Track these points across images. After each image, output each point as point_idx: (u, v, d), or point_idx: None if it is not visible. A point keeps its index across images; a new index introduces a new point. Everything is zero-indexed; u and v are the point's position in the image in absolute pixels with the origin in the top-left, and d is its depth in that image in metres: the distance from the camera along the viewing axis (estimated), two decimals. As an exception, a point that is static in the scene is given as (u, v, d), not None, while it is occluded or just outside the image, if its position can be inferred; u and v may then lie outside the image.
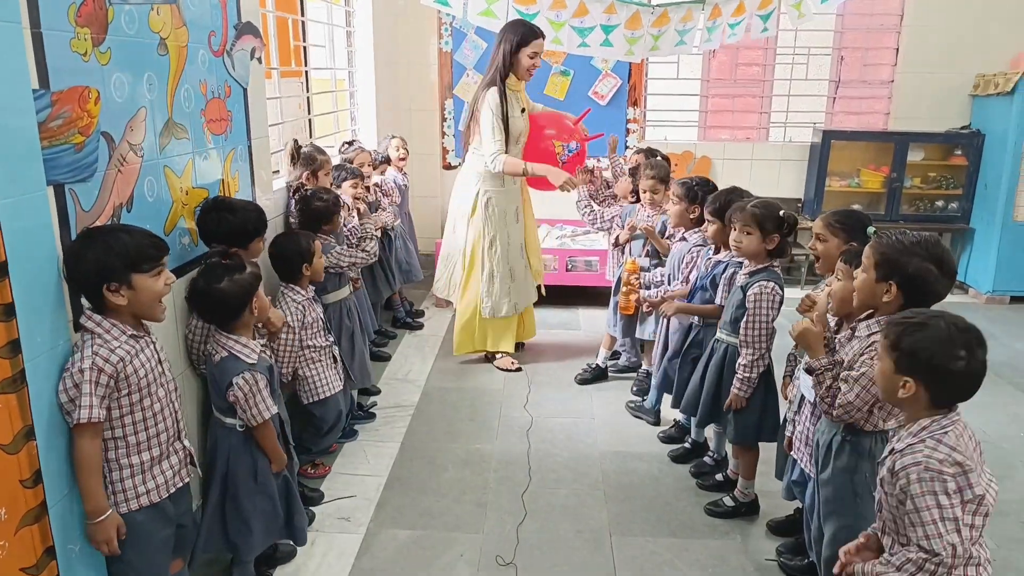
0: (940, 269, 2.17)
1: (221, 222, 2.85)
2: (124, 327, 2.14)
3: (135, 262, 2.11)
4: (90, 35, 2.18)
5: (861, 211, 2.94)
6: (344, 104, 6.01)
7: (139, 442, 2.20)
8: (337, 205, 3.70)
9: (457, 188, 4.79)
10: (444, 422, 4.18)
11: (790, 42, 6.81)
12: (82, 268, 2.07)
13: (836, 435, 2.38)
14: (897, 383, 1.86)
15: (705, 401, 3.34)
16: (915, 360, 1.82)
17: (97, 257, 2.06)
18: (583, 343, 5.38)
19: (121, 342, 2.11)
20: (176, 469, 2.34)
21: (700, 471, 3.65)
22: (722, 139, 7.12)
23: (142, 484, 2.22)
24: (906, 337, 1.84)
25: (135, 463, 2.20)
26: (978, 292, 6.50)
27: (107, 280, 2.07)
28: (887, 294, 2.20)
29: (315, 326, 3.31)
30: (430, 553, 3.06)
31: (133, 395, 2.15)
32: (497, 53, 4.44)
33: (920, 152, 6.64)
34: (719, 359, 3.28)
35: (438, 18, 6.52)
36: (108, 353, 2.07)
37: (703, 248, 3.67)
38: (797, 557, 2.96)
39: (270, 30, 4.35)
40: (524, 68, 4.45)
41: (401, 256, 5.26)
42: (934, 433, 1.82)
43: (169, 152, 2.66)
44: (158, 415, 2.24)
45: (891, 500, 1.86)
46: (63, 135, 2.08)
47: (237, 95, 3.24)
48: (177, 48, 2.69)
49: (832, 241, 2.79)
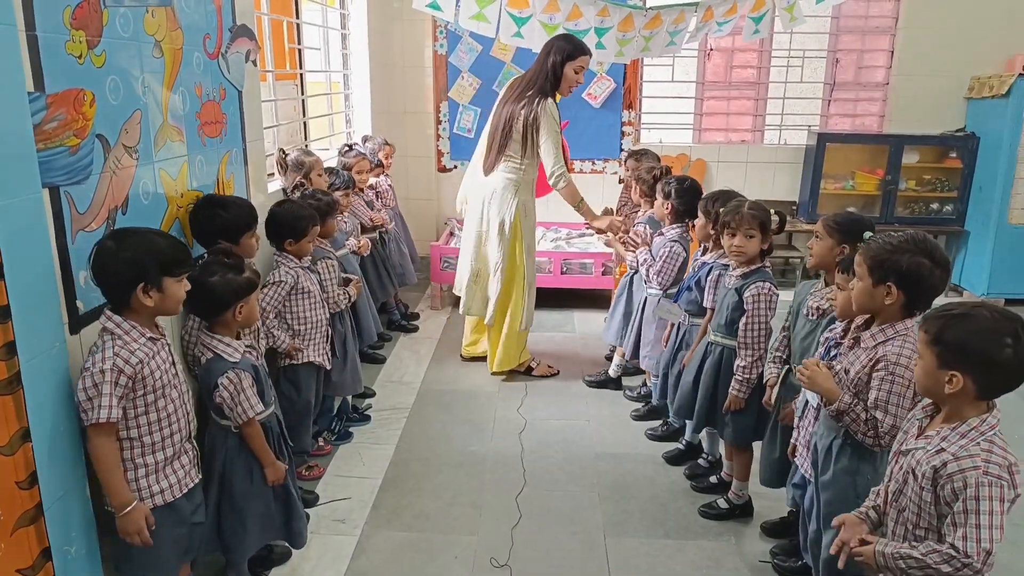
0: (933, 261, 2.16)
1: (213, 218, 2.85)
2: (143, 329, 2.18)
3: (168, 265, 2.18)
4: (85, 38, 2.18)
5: (863, 217, 2.92)
6: (339, 107, 6.02)
7: (154, 442, 2.24)
8: (332, 208, 3.71)
9: (489, 201, 4.57)
10: (439, 424, 4.18)
11: (785, 45, 6.83)
12: (117, 267, 2.12)
13: (836, 438, 2.36)
14: (942, 379, 1.79)
15: (702, 404, 3.34)
16: (961, 352, 1.76)
17: (134, 257, 2.12)
18: (578, 345, 5.39)
19: (140, 344, 2.15)
20: (187, 469, 2.38)
21: (694, 473, 3.66)
22: (717, 142, 7.14)
23: (156, 484, 2.26)
24: (949, 330, 1.78)
25: (150, 463, 2.24)
26: (973, 294, 6.51)
27: (141, 280, 2.12)
28: (888, 296, 2.18)
29: (308, 298, 3.35)
30: (425, 555, 3.07)
31: (148, 396, 2.19)
32: (545, 65, 4.37)
33: (915, 154, 6.65)
34: (715, 361, 3.28)
35: (433, 21, 6.51)
36: (128, 355, 2.12)
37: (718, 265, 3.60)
38: (791, 559, 2.96)
39: (265, 33, 4.35)
40: (568, 83, 4.44)
41: (395, 259, 5.26)
42: (986, 434, 1.77)
43: (164, 155, 2.66)
44: (172, 416, 2.28)
45: (925, 495, 1.81)
46: (58, 138, 2.08)
47: (232, 98, 3.25)
48: (172, 51, 2.69)
49: (826, 241, 2.79)
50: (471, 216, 4.75)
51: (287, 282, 3.28)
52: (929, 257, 2.16)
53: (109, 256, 2.12)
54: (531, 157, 4.47)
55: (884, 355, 2.18)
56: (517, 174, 4.49)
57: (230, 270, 2.56)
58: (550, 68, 4.36)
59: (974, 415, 1.81)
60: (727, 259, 3.32)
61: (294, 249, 3.32)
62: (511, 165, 4.49)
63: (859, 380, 2.26)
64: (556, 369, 4.90)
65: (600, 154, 6.84)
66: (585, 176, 6.80)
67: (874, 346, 2.23)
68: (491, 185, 4.56)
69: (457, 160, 6.97)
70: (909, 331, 2.20)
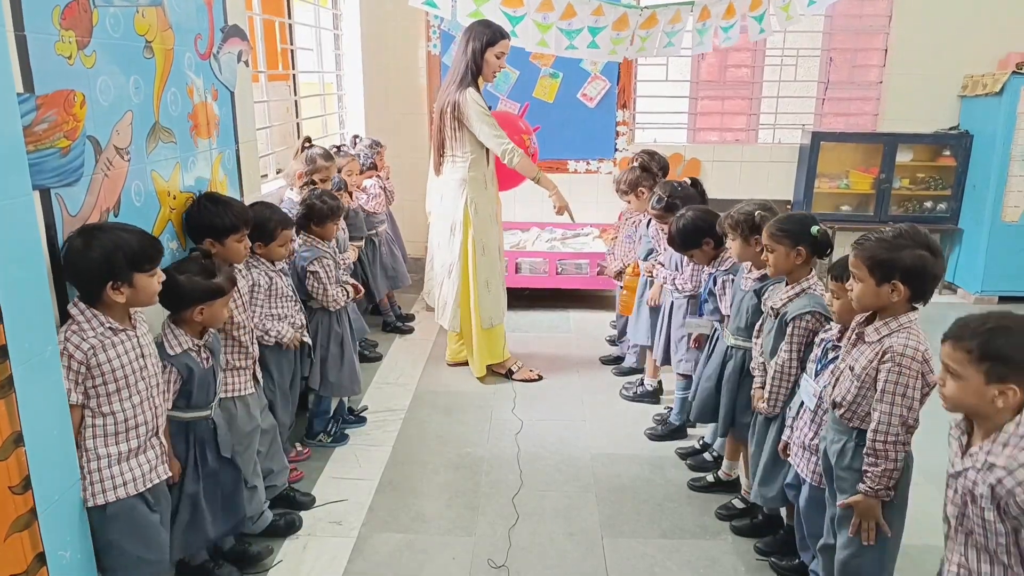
0: (931, 252, 2.17)
1: (202, 211, 2.84)
2: (106, 319, 2.18)
3: (138, 261, 2.18)
4: (75, 38, 2.17)
5: (805, 214, 2.90)
6: (332, 108, 6.01)
7: (117, 432, 2.24)
8: (336, 214, 3.69)
9: (440, 201, 4.61)
10: (435, 426, 4.17)
11: (779, 44, 6.83)
12: (87, 265, 2.12)
13: (849, 441, 2.34)
14: (991, 394, 1.74)
15: (727, 409, 3.28)
16: (1014, 363, 1.72)
17: (104, 255, 2.12)
18: (573, 346, 5.38)
19: (97, 332, 2.16)
20: (153, 464, 2.35)
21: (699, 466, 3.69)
22: (711, 141, 7.14)
23: (120, 475, 2.24)
24: (994, 343, 1.74)
25: (113, 453, 2.23)
26: (967, 293, 6.52)
27: (111, 278, 2.13)
28: (894, 293, 2.18)
29: (284, 299, 3.31)
30: (422, 557, 3.05)
31: (109, 385, 2.19)
32: (465, 53, 4.29)
33: (909, 153, 6.66)
34: (736, 366, 3.23)
35: (426, 21, 6.49)
36: (80, 340, 2.13)
37: None
38: (787, 558, 2.96)
39: (257, 33, 4.35)
40: (491, 69, 4.35)
41: (387, 262, 5.23)
42: None
43: (156, 156, 2.65)
44: (137, 408, 2.26)
45: (988, 515, 1.76)
46: (49, 139, 2.07)
47: (224, 99, 3.23)
48: (163, 51, 2.68)
49: (779, 249, 2.78)
50: (433, 225, 4.75)
51: (263, 286, 3.20)
52: (927, 248, 2.17)
53: (77, 254, 2.12)
54: (471, 150, 4.40)
55: (891, 347, 2.18)
56: (463, 171, 4.43)
57: (201, 272, 2.52)
58: (470, 56, 4.29)
59: (1007, 420, 1.76)
60: (726, 265, 3.35)
61: (263, 252, 3.21)
62: (456, 164, 4.46)
63: (866, 375, 2.25)
64: (538, 374, 4.81)
65: (595, 154, 6.82)
66: (580, 176, 6.80)
67: (879, 339, 2.23)
68: (440, 188, 4.58)
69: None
70: (913, 323, 2.21)
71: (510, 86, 6.68)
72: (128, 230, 2.24)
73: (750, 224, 3.05)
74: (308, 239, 3.66)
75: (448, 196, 4.53)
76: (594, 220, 6.85)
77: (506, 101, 6.64)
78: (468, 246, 4.52)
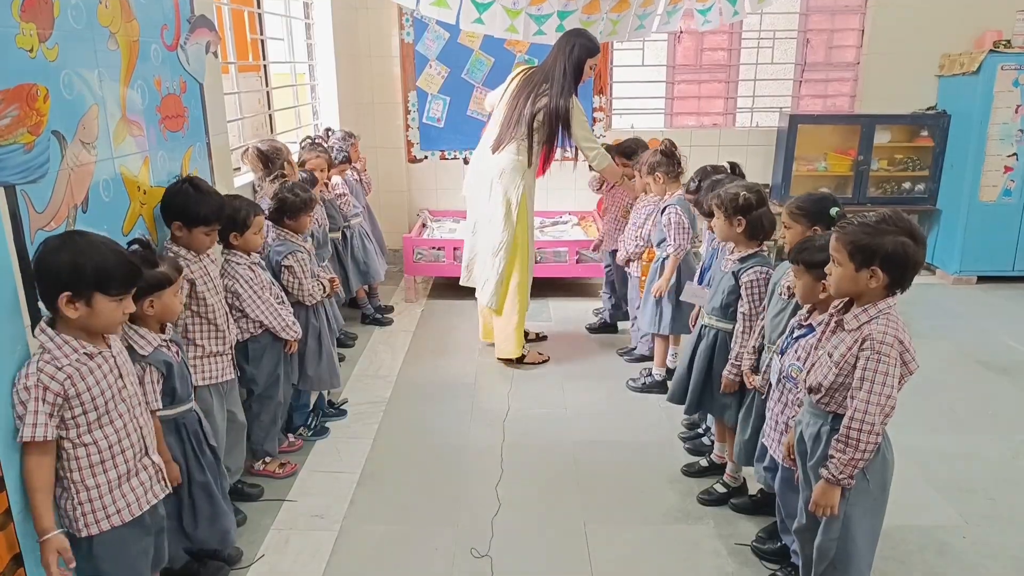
0: (913, 238, 2.16)
1: (180, 194, 2.78)
2: (78, 343, 2.06)
3: (105, 282, 2.04)
4: (36, 30, 2.12)
5: (827, 194, 2.92)
6: (305, 99, 5.94)
7: (103, 460, 2.12)
8: (309, 206, 3.64)
9: (498, 179, 4.58)
10: (416, 417, 4.15)
11: (755, 26, 6.82)
12: (51, 267, 2.01)
13: (824, 425, 2.33)
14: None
15: (695, 387, 3.32)
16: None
17: (71, 262, 2.00)
18: (553, 334, 5.37)
19: (71, 360, 2.03)
20: (148, 486, 2.25)
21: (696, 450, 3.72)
22: (689, 126, 7.12)
23: (112, 504, 2.14)
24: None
25: (101, 483, 2.12)
26: (945, 273, 6.54)
27: (68, 289, 2.00)
28: (872, 279, 2.16)
29: (267, 289, 3.29)
30: (405, 548, 3.04)
31: (90, 414, 2.06)
32: (568, 60, 4.41)
33: (887, 134, 6.69)
34: (708, 345, 3.27)
35: (398, 9, 6.43)
36: (55, 371, 1.99)
37: None
38: (769, 541, 2.96)
39: (225, 23, 4.28)
40: (584, 77, 4.52)
41: (359, 256, 5.14)
42: None
43: (124, 150, 2.60)
44: (120, 432, 2.15)
45: None
46: (12, 135, 2.02)
47: (193, 91, 3.18)
48: (128, 43, 2.62)
49: (796, 228, 2.80)
50: (476, 199, 4.78)
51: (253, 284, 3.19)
52: (910, 235, 2.15)
53: (49, 253, 2.02)
54: (534, 148, 4.54)
55: (870, 334, 2.16)
56: (525, 156, 4.54)
57: (143, 263, 2.29)
58: (575, 64, 4.42)
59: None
60: None
61: (240, 244, 3.18)
62: (521, 147, 4.54)
63: (845, 362, 2.23)
64: (546, 356, 4.92)
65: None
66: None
67: (859, 327, 2.21)
68: (500, 164, 4.58)
69: (427, 151, 6.92)
70: (892, 309, 2.20)
71: (485, 73, 6.64)
72: (112, 248, 2.09)
73: (735, 205, 3.05)
74: (281, 233, 3.62)
75: (508, 175, 4.57)
76: (572, 208, 6.84)
77: (481, 88, 6.59)
78: (520, 230, 4.64)
